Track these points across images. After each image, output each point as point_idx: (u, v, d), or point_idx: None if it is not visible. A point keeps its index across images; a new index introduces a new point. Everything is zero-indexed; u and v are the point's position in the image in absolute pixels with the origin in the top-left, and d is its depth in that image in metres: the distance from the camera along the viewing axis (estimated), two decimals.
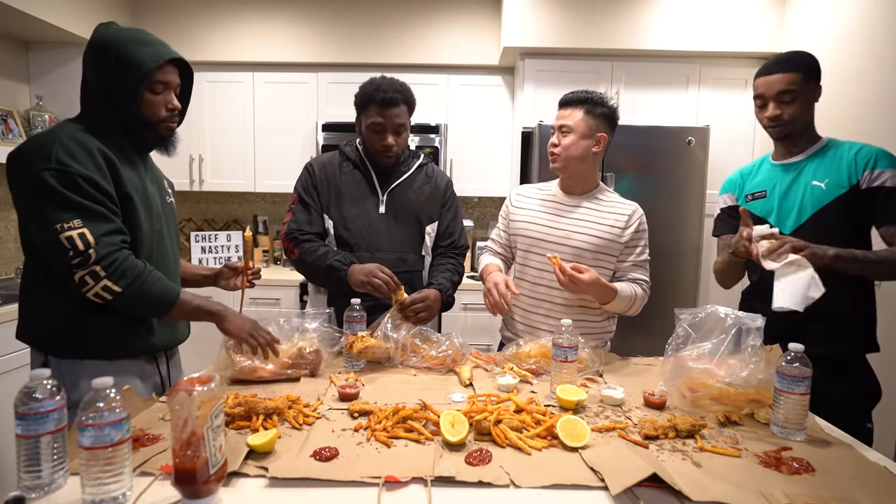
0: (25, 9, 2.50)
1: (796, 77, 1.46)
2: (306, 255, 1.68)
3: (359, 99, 1.72)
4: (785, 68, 1.47)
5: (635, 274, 1.66)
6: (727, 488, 0.87)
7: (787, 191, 1.53)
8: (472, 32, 3.35)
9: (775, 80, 1.48)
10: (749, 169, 1.68)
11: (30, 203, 1.17)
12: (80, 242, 1.13)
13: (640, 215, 1.67)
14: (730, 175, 1.73)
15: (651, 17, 3.00)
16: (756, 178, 1.63)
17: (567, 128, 1.61)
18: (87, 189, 1.16)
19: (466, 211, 3.64)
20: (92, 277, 1.16)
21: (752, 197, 1.61)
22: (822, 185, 1.48)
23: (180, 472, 0.77)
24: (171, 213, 1.46)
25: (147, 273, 1.22)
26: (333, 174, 1.77)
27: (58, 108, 2.90)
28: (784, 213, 1.53)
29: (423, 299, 1.62)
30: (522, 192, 1.80)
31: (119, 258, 1.18)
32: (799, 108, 1.48)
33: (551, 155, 1.66)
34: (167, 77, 1.28)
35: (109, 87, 1.24)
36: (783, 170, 1.56)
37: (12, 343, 2.14)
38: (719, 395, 1.17)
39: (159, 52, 1.26)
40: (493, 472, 0.92)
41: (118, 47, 1.22)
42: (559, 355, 1.30)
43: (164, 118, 1.30)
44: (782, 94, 1.47)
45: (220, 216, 3.80)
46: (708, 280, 3.21)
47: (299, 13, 3.35)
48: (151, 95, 1.27)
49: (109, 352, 1.26)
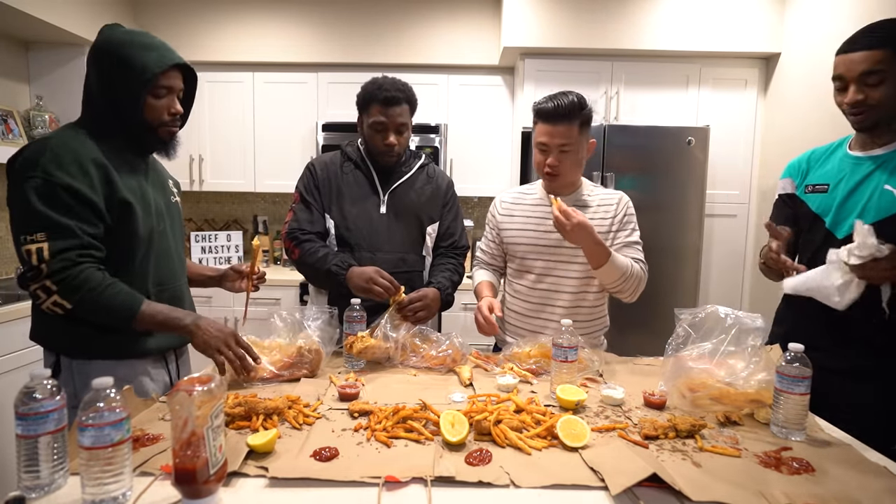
0: (25, 9, 2.50)
1: (884, 54, 1.23)
2: (306, 257, 1.68)
3: (360, 98, 1.72)
4: (870, 44, 1.24)
5: (628, 252, 1.61)
6: (727, 488, 0.87)
7: (853, 189, 1.32)
8: (472, 32, 3.35)
9: (858, 59, 1.25)
10: (820, 153, 1.46)
11: (12, 209, 1.20)
12: (35, 257, 1.15)
13: (626, 201, 1.66)
14: (796, 157, 1.52)
15: (651, 17, 3.00)
16: (824, 166, 1.42)
17: (567, 146, 1.54)
18: (64, 200, 1.17)
19: (466, 211, 3.64)
20: (43, 291, 1.17)
21: (813, 189, 1.41)
22: (894, 191, 1.26)
23: (180, 472, 0.77)
24: (177, 213, 1.46)
25: (103, 287, 1.19)
26: (335, 174, 1.77)
27: (58, 108, 2.89)
28: (842, 215, 1.32)
29: (422, 298, 1.62)
30: (507, 199, 1.77)
31: (71, 274, 1.16)
32: (888, 91, 1.24)
33: (549, 175, 1.60)
34: (171, 82, 1.29)
35: (112, 91, 1.24)
36: (856, 163, 1.34)
37: (12, 343, 2.15)
38: (719, 395, 1.17)
39: (164, 57, 1.26)
40: (493, 472, 0.92)
41: (122, 50, 1.23)
42: (559, 355, 1.30)
43: (166, 122, 1.30)
44: (866, 76, 1.24)
45: (220, 216, 3.80)
46: (708, 280, 3.21)
47: (299, 13, 3.35)
48: (154, 100, 1.27)
49: (116, 352, 1.26)
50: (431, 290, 1.67)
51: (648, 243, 3.00)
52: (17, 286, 1.23)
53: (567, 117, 1.52)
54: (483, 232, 1.85)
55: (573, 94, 1.54)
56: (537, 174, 1.66)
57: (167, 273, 1.37)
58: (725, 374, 1.17)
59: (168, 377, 1.39)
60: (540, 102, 1.57)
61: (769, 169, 3.10)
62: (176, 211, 1.46)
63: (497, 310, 1.57)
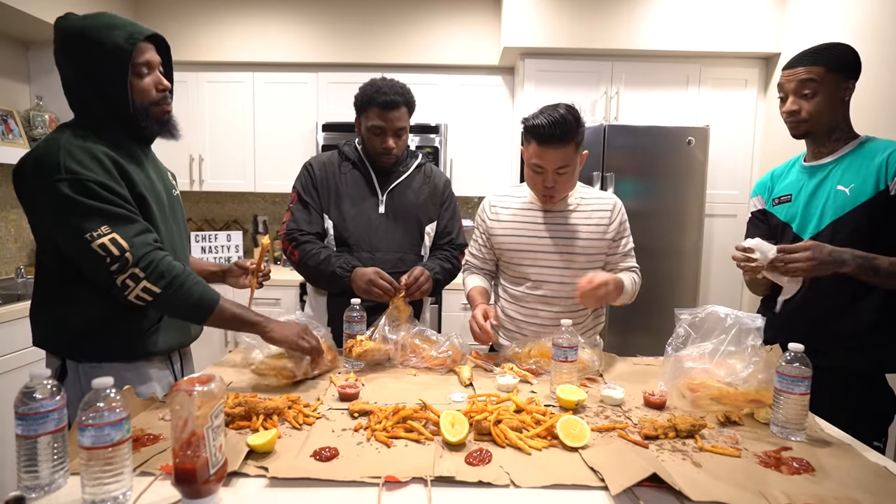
0: (25, 9, 2.51)
1: (818, 70, 1.37)
2: (308, 259, 1.68)
3: (359, 100, 1.71)
4: (808, 61, 1.38)
5: (627, 263, 1.66)
6: (727, 488, 0.87)
7: (811, 195, 1.45)
8: (472, 32, 3.35)
9: (797, 72, 1.39)
10: (780, 170, 1.61)
11: (53, 217, 1.14)
12: (113, 248, 1.12)
13: (620, 206, 1.66)
14: (761, 177, 1.67)
15: (651, 17, 3.00)
16: (785, 180, 1.56)
17: (564, 169, 1.51)
18: (103, 194, 1.14)
19: (466, 211, 3.64)
20: (132, 280, 1.14)
21: (779, 201, 1.54)
22: (846, 191, 1.38)
23: (180, 472, 0.77)
24: (179, 206, 1.44)
25: (186, 275, 1.20)
26: (333, 174, 1.77)
27: (58, 108, 2.90)
28: (806, 219, 1.45)
29: (421, 273, 1.65)
30: (497, 202, 1.71)
31: (156, 258, 1.16)
32: (820, 105, 1.38)
33: (546, 197, 1.57)
34: (147, 56, 1.23)
35: (94, 82, 1.19)
36: (810, 172, 1.48)
37: (12, 343, 2.15)
38: (719, 395, 1.17)
39: (133, 32, 1.19)
40: (493, 472, 0.92)
41: (89, 35, 1.16)
42: (559, 355, 1.30)
43: (156, 100, 1.25)
44: (801, 88, 1.39)
45: (220, 216, 3.80)
46: (708, 280, 3.21)
47: (299, 13, 3.35)
48: (138, 79, 1.22)
49: (125, 354, 1.25)
50: (419, 267, 1.68)
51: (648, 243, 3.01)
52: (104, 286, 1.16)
53: (562, 139, 1.46)
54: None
55: (564, 108, 1.47)
56: (531, 191, 1.63)
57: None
58: (725, 374, 1.17)
59: (173, 378, 1.38)
60: (531, 118, 1.49)
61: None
62: (178, 205, 1.44)
63: (493, 317, 1.55)
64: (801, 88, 1.40)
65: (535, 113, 1.50)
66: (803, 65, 1.39)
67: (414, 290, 1.63)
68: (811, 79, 1.38)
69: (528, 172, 1.56)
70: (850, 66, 1.39)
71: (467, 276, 1.78)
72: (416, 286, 1.64)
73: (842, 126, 1.44)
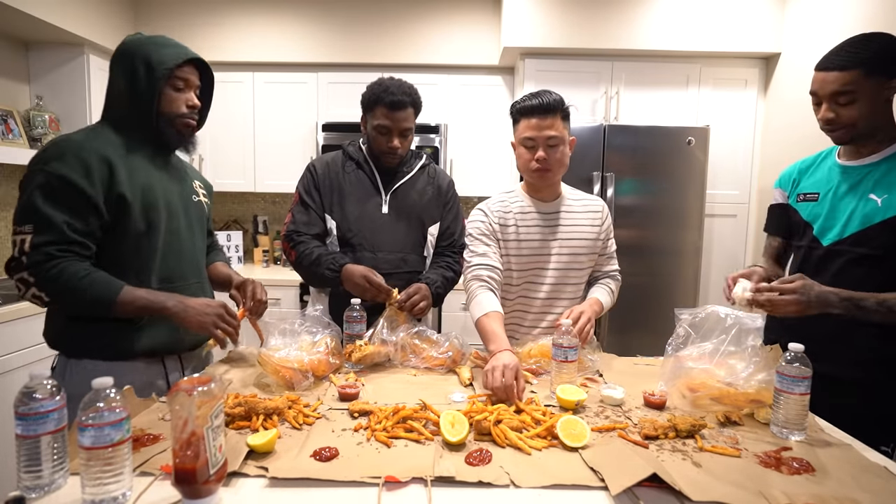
0: (25, 9, 2.50)
1: (853, 75, 1.23)
2: (302, 259, 1.69)
3: (366, 99, 1.71)
4: (843, 64, 1.24)
5: (611, 265, 1.75)
6: (727, 488, 0.87)
7: (840, 198, 1.33)
8: (472, 32, 3.35)
9: (830, 79, 1.26)
10: (809, 163, 1.47)
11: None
12: (17, 248, 1.18)
13: (607, 210, 1.74)
14: (787, 167, 1.53)
15: (651, 17, 3.00)
16: (814, 176, 1.43)
17: (555, 139, 1.53)
18: (60, 194, 1.19)
19: (466, 211, 3.62)
20: (22, 283, 1.19)
21: (804, 197, 1.43)
22: (877, 201, 1.25)
23: (180, 472, 0.77)
24: (197, 211, 1.47)
25: (80, 277, 1.19)
26: (336, 174, 1.77)
27: (58, 108, 2.89)
28: (829, 223, 1.34)
29: (417, 291, 1.62)
30: (496, 208, 1.65)
31: (46, 267, 1.17)
32: (860, 110, 1.25)
33: (540, 171, 1.55)
34: (187, 76, 1.35)
35: (133, 86, 1.30)
36: (844, 172, 1.35)
37: (12, 343, 2.15)
38: (719, 395, 1.17)
39: (180, 52, 1.33)
40: (493, 472, 0.92)
41: (141, 49, 1.30)
42: (559, 355, 1.30)
43: (183, 114, 1.35)
44: (837, 96, 1.26)
45: (220, 216, 3.80)
46: (708, 280, 3.21)
47: (299, 13, 3.35)
48: (172, 92, 1.33)
49: (105, 353, 1.26)
50: (422, 285, 1.66)
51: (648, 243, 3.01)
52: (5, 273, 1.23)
53: (552, 111, 1.52)
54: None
55: (552, 92, 1.56)
56: (523, 174, 1.63)
57: (176, 271, 1.36)
58: (725, 374, 1.17)
59: (166, 383, 1.36)
60: (522, 100, 1.56)
61: (769, 169, 3.10)
62: (197, 210, 1.47)
63: (521, 380, 1.25)
64: (836, 96, 1.26)
65: (524, 96, 1.58)
66: (837, 68, 1.25)
67: (407, 307, 1.60)
68: (847, 90, 1.24)
69: (521, 152, 1.59)
70: (888, 61, 1.23)
71: (480, 292, 1.54)
72: (410, 304, 1.59)
73: (885, 127, 1.30)
